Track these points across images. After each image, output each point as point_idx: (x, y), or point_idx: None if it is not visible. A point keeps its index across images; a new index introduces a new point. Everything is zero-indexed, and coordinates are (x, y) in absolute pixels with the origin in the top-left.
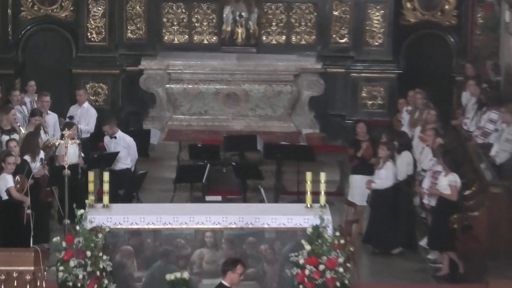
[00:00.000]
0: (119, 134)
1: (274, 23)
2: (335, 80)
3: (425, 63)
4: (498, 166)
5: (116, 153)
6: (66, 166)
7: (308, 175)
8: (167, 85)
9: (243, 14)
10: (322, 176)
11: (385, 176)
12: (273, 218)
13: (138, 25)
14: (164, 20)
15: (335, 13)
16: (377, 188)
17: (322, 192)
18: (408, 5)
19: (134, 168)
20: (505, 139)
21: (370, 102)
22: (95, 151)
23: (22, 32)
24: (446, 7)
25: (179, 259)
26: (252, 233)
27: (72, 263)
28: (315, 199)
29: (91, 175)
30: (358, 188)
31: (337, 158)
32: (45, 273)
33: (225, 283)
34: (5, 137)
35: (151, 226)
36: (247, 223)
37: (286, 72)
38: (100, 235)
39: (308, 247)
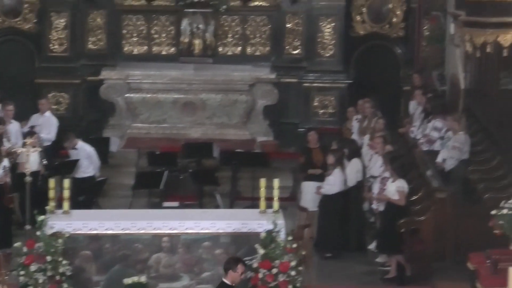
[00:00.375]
0: (79, 144)
1: (230, 35)
2: (288, 89)
3: (374, 73)
4: (446, 172)
5: (76, 160)
6: (28, 173)
7: (262, 181)
8: (127, 94)
9: (200, 26)
10: (276, 182)
11: (332, 182)
12: (228, 223)
13: (99, 37)
14: (124, 31)
15: (288, 25)
16: (325, 193)
17: (276, 198)
18: (358, 18)
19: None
20: (452, 146)
21: (321, 111)
22: (56, 159)
23: None
24: (394, 19)
25: (137, 264)
26: (208, 238)
27: (32, 267)
28: (269, 205)
29: (51, 182)
30: (310, 194)
31: (290, 164)
32: (6, 277)
33: (226, 281)
34: None
35: (110, 232)
36: (203, 228)
37: (242, 82)
38: (60, 240)
39: (261, 251)
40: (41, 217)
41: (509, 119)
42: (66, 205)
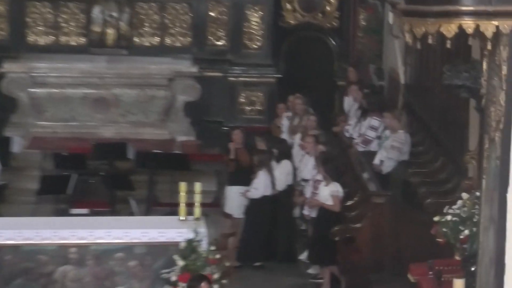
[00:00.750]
0: None
1: (147, 24)
2: (212, 84)
3: (306, 67)
4: (384, 175)
5: None
6: None
7: (182, 186)
8: (31, 89)
9: (114, 14)
10: (197, 186)
11: (256, 186)
12: (144, 232)
13: (0, 25)
14: (28, 19)
15: (212, 14)
16: (251, 197)
17: (197, 204)
18: (288, 6)
19: None
20: (391, 146)
21: (248, 108)
22: None
23: None
24: (328, 8)
25: (40, 277)
26: (120, 249)
27: None
28: (190, 211)
29: None
30: (235, 199)
31: (214, 167)
32: None
33: None
34: None
35: (11, 242)
36: (115, 238)
37: (160, 76)
38: None
39: (181, 263)
40: None
41: (453, 116)
42: None
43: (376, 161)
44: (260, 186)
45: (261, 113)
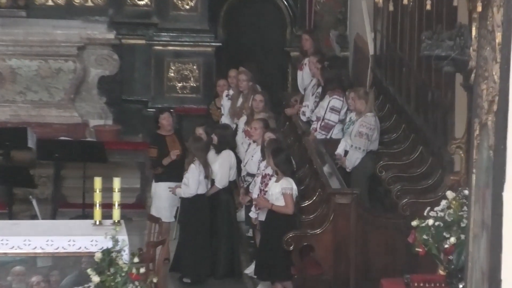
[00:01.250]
0: None
1: None
2: (133, 54)
3: (252, 34)
4: (348, 169)
5: None
6: None
7: (97, 182)
8: None
9: None
10: (116, 182)
11: (186, 182)
12: (49, 239)
13: None
14: None
15: None
16: (181, 196)
17: (116, 204)
18: None
19: None
20: (357, 132)
21: (180, 84)
22: None
23: None
24: None
25: None
26: (20, 261)
27: None
28: (107, 214)
29: None
30: (164, 199)
31: (136, 158)
32: None
33: None
34: None
35: None
36: (13, 247)
37: (68, 44)
38: None
39: (96, 278)
40: None
41: (434, 96)
42: None
43: (339, 151)
44: (193, 182)
45: (195, 91)
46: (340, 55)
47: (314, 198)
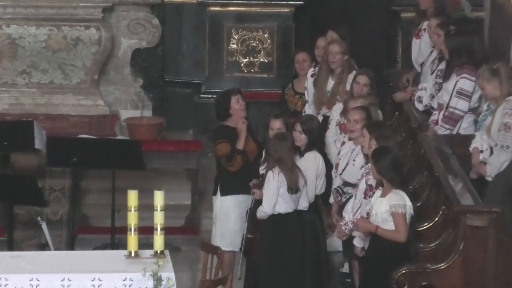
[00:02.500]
0: None
1: None
2: (180, 18)
3: None
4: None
5: None
6: None
7: (132, 197)
8: None
9: None
10: (158, 197)
11: (268, 199)
12: (65, 278)
13: None
14: None
15: None
16: (261, 217)
17: (158, 229)
18: None
19: None
20: (501, 125)
21: (245, 60)
22: None
23: None
24: None
25: None
26: None
27: None
28: (146, 242)
29: None
30: (233, 220)
31: (187, 163)
32: None
33: None
34: None
35: None
36: None
37: (89, 3)
38: None
39: None
40: None
41: None
42: None
43: (476, 147)
44: (268, 198)
45: (267, 69)
46: (471, 16)
47: (436, 219)
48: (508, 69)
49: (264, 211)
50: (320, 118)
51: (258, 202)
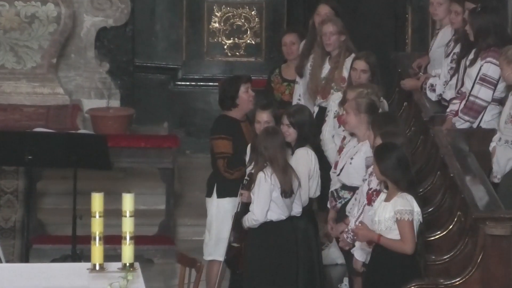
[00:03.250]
0: None
1: None
2: None
3: None
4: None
5: None
6: None
7: (97, 201)
8: None
9: None
10: (127, 201)
11: (258, 204)
12: None
13: None
14: None
15: None
16: (249, 226)
17: (127, 238)
18: None
19: None
20: (509, 116)
21: (229, 42)
22: None
23: None
24: None
25: None
26: None
27: None
28: (113, 253)
29: None
30: (227, 225)
31: (161, 162)
32: None
33: None
34: None
35: None
36: None
37: None
38: None
39: None
40: None
41: None
42: None
43: (496, 151)
44: (260, 203)
45: (255, 51)
46: None
47: (451, 227)
48: None
49: (255, 219)
50: (316, 109)
51: (245, 206)
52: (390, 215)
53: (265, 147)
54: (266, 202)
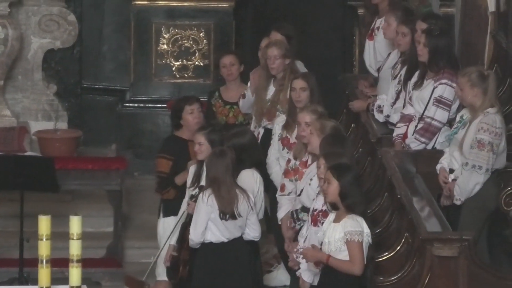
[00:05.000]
0: None
1: None
2: (101, 14)
3: None
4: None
5: None
6: None
7: (44, 223)
8: None
9: None
10: (75, 224)
11: (193, 220)
12: None
13: None
14: None
15: None
16: (190, 245)
17: (75, 261)
18: None
19: None
20: (475, 141)
21: (178, 63)
22: None
23: None
24: None
25: None
26: None
27: None
28: (60, 276)
29: None
30: (165, 249)
31: (109, 184)
32: None
33: None
34: None
35: None
36: None
37: None
38: None
39: None
40: None
41: None
42: None
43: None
44: (197, 224)
45: (204, 73)
46: (439, 13)
47: (398, 248)
48: (494, 78)
49: (191, 238)
50: (262, 131)
51: (191, 217)
52: (340, 236)
53: (209, 168)
54: (202, 223)
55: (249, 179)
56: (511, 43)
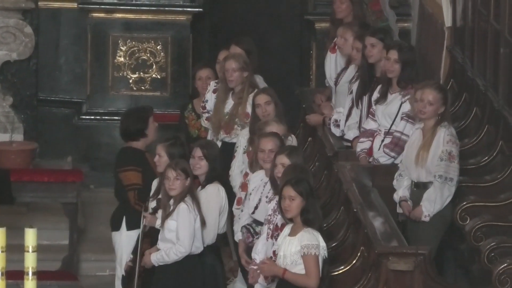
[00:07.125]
0: None
1: None
2: (57, 27)
3: None
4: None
5: None
6: None
7: None
8: None
9: None
10: (30, 236)
11: (175, 235)
12: None
13: None
14: None
15: None
16: (163, 261)
17: (30, 273)
18: None
19: None
20: (446, 154)
21: (135, 76)
22: None
23: None
24: None
25: None
26: None
27: None
28: None
29: None
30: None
31: (65, 197)
32: None
33: None
34: None
35: None
36: None
37: None
38: None
39: None
40: None
41: None
42: None
43: (403, 192)
44: (186, 234)
45: (161, 86)
46: (396, 28)
47: (354, 261)
48: (449, 92)
49: (183, 251)
50: (219, 144)
51: (152, 228)
52: (297, 250)
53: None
54: (192, 233)
55: (216, 193)
56: (467, 58)
